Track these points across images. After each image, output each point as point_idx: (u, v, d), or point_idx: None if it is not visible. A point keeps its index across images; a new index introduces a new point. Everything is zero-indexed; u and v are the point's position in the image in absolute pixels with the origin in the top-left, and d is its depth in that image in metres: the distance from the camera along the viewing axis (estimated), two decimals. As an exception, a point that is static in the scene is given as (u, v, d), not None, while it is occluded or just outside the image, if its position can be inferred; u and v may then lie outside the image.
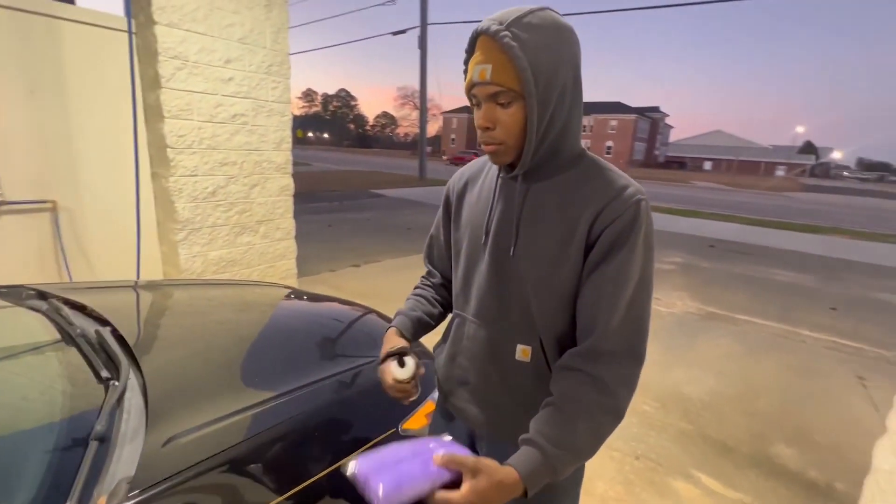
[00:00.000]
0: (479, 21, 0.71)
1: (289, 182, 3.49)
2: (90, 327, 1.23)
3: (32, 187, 2.55)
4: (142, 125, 2.70)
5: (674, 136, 76.12)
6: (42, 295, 1.48)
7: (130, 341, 1.19)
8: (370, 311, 1.80)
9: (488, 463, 0.60)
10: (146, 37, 2.57)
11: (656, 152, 62.51)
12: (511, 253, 0.79)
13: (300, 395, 1.07)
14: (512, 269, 0.80)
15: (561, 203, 0.76)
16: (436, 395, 1.31)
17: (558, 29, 0.70)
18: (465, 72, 0.74)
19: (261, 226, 3.35)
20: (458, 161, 33.09)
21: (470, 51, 0.73)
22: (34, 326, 1.23)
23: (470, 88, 0.73)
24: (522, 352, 0.80)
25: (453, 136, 68.66)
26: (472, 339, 0.87)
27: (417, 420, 1.19)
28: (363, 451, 0.97)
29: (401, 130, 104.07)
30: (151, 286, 1.96)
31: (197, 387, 1.07)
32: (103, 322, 1.33)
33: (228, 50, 2.91)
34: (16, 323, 1.26)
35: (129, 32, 2.45)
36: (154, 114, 2.69)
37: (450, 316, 1.00)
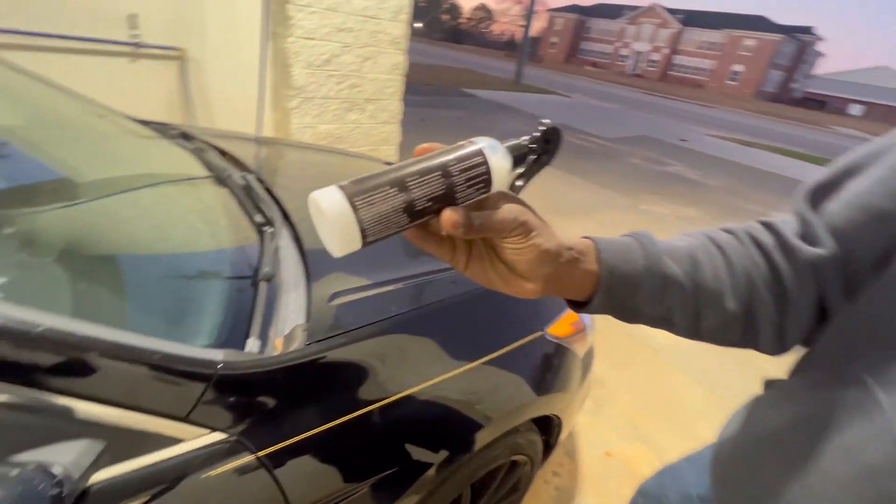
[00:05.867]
0: None
1: (401, 60, 3.24)
2: (235, 172, 1.20)
3: (165, 35, 2.55)
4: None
5: (823, 68, 63.04)
6: (186, 135, 1.47)
7: (274, 191, 1.15)
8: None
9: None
10: None
11: (794, 85, 52.42)
12: None
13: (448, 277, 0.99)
14: None
15: None
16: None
17: None
18: None
19: (369, 104, 3.22)
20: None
21: None
22: (187, 162, 1.22)
23: None
24: None
25: (554, 38, 61.91)
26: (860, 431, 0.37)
27: (562, 326, 1.09)
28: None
29: (496, 28, 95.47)
30: (273, 143, 1.94)
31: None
32: (244, 168, 1.31)
33: None
34: (170, 157, 1.26)
35: None
36: (278, -39, 2.49)
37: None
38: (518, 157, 0.41)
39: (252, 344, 0.65)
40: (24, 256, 0.71)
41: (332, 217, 0.32)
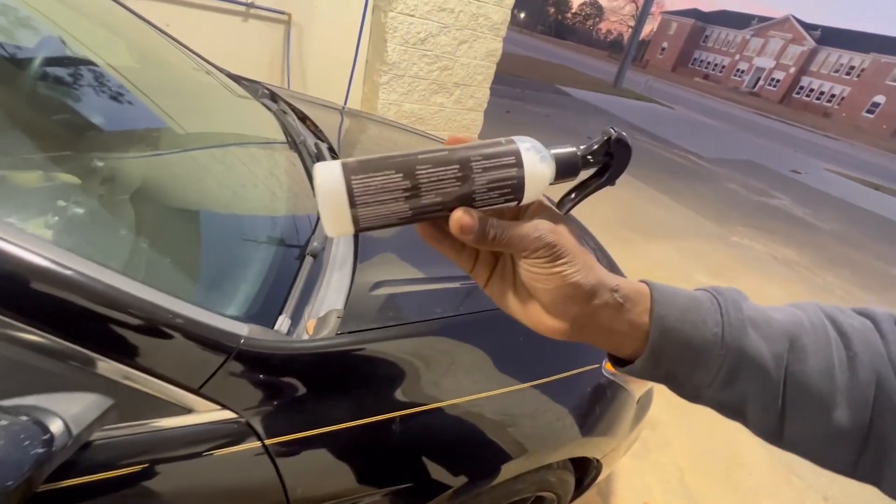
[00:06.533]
0: None
1: (497, 47, 3.13)
2: (310, 139, 1.19)
3: (275, -2, 2.65)
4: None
5: None
6: (273, 96, 1.50)
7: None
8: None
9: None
10: None
11: (948, 128, 44.70)
12: None
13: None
14: None
15: None
16: None
17: None
18: None
19: (457, 89, 3.15)
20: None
21: None
22: (267, 124, 1.22)
23: None
24: None
25: (665, 43, 57.82)
26: None
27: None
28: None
29: (604, 26, 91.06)
30: (355, 115, 1.93)
31: (405, 238, 0.95)
32: (319, 137, 1.29)
33: None
34: (253, 116, 1.27)
35: None
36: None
37: None
38: (568, 167, 0.33)
39: (282, 322, 0.61)
40: (95, 196, 0.73)
41: (322, 193, 0.28)
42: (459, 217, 0.29)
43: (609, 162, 0.34)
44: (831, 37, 43.45)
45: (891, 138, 35.02)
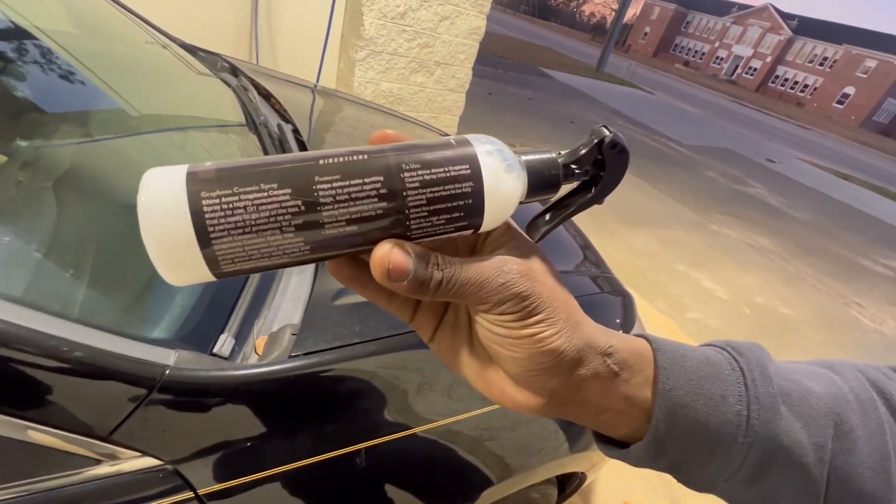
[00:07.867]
0: None
1: (481, 24, 2.99)
2: (272, 119, 1.07)
3: (241, -39, 2.44)
4: None
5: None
6: (234, 70, 1.35)
7: (308, 147, 1.01)
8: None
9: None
10: None
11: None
12: None
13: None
14: None
15: None
16: None
17: None
18: None
19: (437, 68, 3.01)
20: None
21: None
22: (223, 102, 1.09)
23: None
24: None
25: (647, 28, 57.84)
26: None
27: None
28: None
29: (587, 8, 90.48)
30: (331, 95, 1.80)
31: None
32: (284, 117, 1.17)
33: None
34: (208, 94, 1.14)
35: None
36: None
37: None
38: (546, 179, 0.23)
39: (224, 343, 0.51)
40: (14, 183, 0.61)
41: (151, 218, 0.18)
42: (385, 255, 0.20)
43: (598, 173, 0.24)
44: (807, 27, 44.22)
45: (858, 129, 36.20)
